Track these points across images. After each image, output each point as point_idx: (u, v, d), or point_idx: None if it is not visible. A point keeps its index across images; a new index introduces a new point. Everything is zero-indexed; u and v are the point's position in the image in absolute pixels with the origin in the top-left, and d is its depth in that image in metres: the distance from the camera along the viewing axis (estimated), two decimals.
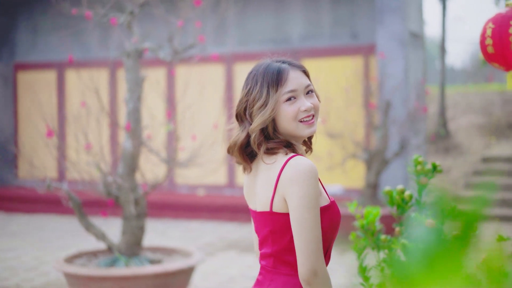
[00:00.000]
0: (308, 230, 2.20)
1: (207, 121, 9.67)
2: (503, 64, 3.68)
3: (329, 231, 2.31)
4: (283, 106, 2.32)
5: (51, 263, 8.17)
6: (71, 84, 13.73)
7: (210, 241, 9.84)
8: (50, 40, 13.86)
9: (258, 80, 2.35)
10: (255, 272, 7.76)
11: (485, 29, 3.69)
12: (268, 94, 2.32)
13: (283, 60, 2.41)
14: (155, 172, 6.20)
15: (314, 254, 2.20)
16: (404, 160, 10.70)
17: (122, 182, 5.66)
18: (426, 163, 3.59)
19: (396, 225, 3.62)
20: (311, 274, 2.20)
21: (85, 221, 5.62)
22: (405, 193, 3.55)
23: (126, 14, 5.62)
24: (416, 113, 10.28)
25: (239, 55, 12.19)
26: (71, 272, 5.41)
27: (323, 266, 2.22)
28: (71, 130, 6.30)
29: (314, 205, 2.21)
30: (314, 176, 2.23)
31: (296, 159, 2.27)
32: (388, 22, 10.94)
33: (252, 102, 2.35)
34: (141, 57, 5.83)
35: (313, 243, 2.20)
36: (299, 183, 2.21)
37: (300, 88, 2.35)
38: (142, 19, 6.59)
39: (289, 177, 2.24)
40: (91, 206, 9.37)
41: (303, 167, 2.23)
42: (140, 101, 5.78)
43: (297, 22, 12.18)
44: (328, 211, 2.31)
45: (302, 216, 2.20)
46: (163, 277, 5.45)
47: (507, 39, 3.58)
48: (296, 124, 2.33)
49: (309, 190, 2.21)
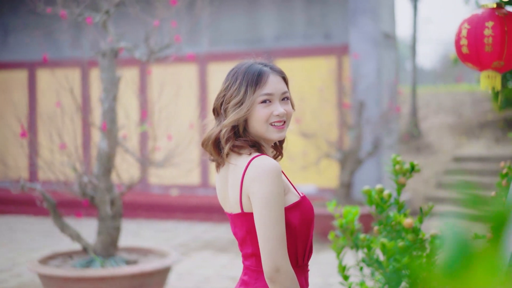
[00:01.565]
0: (270, 228, 2.24)
1: (182, 121, 9.65)
2: (477, 64, 3.73)
3: (303, 227, 2.35)
4: (257, 107, 2.37)
5: (24, 265, 8.09)
6: (43, 83, 13.60)
7: (184, 241, 9.82)
8: (21, 39, 13.71)
9: (238, 78, 2.40)
10: (230, 272, 7.76)
11: (461, 29, 3.74)
12: (246, 93, 2.36)
13: (265, 64, 2.45)
14: (131, 172, 6.18)
15: (275, 252, 2.23)
16: (377, 160, 10.79)
17: (97, 182, 5.62)
18: (404, 163, 3.63)
19: (375, 224, 3.66)
20: (274, 271, 2.23)
21: (60, 221, 5.58)
22: (384, 192, 3.58)
23: (102, 14, 5.58)
24: (389, 113, 10.37)
25: (212, 55, 12.18)
26: (46, 273, 5.36)
27: (286, 263, 2.24)
28: (44, 130, 6.24)
29: (276, 204, 2.24)
30: (276, 175, 2.26)
31: (258, 159, 2.31)
32: (361, 23, 11.02)
33: (228, 98, 2.39)
34: (117, 56, 5.80)
35: (275, 240, 2.23)
36: (260, 182, 2.25)
37: (277, 93, 2.40)
38: (117, 18, 6.55)
39: (251, 176, 2.28)
40: (64, 207, 9.29)
41: (264, 166, 2.27)
42: (116, 101, 5.75)
43: (271, 23, 12.20)
44: (298, 207, 2.34)
45: (263, 214, 2.24)
46: (140, 278, 5.43)
47: (481, 40, 3.63)
48: (267, 127, 2.38)
49: (271, 189, 2.24)
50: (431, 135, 15.37)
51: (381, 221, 3.60)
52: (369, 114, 10.44)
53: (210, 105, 12.14)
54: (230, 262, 8.34)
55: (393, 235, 3.55)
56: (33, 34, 11.97)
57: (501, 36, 3.56)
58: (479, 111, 16.34)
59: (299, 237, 2.35)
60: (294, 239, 2.34)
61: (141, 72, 12.75)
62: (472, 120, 15.84)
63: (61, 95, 6.51)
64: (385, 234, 3.58)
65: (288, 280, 2.24)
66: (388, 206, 3.56)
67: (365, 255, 3.59)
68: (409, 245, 3.44)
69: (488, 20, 3.62)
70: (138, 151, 6.82)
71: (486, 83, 3.63)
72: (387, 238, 3.50)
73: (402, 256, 3.40)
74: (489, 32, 3.60)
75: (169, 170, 6.91)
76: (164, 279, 5.73)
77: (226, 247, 9.30)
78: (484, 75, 3.66)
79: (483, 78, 3.68)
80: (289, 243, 2.33)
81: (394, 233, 3.55)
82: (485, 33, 3.62)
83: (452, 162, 13.44)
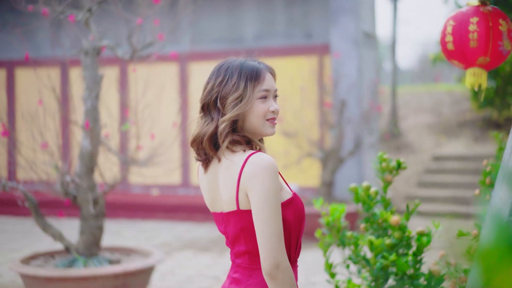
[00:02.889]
0: (269, 225, 2.24)
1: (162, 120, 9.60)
2: (462, 61, 3.74)
3: (296, 223, 2.36)
4: (256, 103, 2.38)
5: (5, 265, 8.01)
6: (22, 82, 13.47)
7: (166, 241, 9.77)
8: (0, 38, 13.56)
9: (234, 73, 2.39)
10: (213, 272, 7.74)
11: (446, 26, 3.75)
12: (246, 88, 2.37)
13: (257, 61, 2.46)
14: (114, 171, 6.13)
15: (275, 248, 2.24)
16: (358, 159, 10.82)
17: (80, 181, 5.57)
18: (390, 160, 3.64)
19: (361, 222, 3.66)
20: (274, 267, 2.23)
21: (42, 221, 5.52)
22: (370, 189, 3.58)
23: (84, 11, 5.53)
24: (370, 112, 10.40)
25: (194, 54, 12.13)
26: (28, 273, 5.30)
27: (285, 259, 2.25)
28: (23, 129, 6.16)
29: (274, 201, 2.25)
30: (274, 171, 2.27)
31: (256, 155, 2.31)
32: (341, 22, 11.04)
33: (226, 93, 2.38)
34: (99, 54, 5.75)
35: (275, 237, 2.24)
36: (259, 179, 2.26)
37: (272, 90, 2.43)
38: (99, 17, 6.50)
39: (250, 173, 2.28)
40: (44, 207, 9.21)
41: (263, 163, 2.27)
42: (98, 99, 5.71)
43: (251, 22, 12.19)
44: (291, 204, 2.35)
45: (262, 211, 2.25)
46: (123, 277, 5.39)
47: (466, 35, 3.64)
48: (264, 122, 2.40)
49: (270, 186, 2.25)
50: (411, 135, 15.46)
51: (368, 219, 3.61)
52: (351, 113, 10.47)
53: (192, 104, 12.13)
54: (213, 262, 8.31)
55: (380, 232, 3.56)
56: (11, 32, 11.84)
57: (486, 31, 3.58)
58: (458, 111, 16.46)
59: (293, 234, 2.36)
60: (289, 235, 2.35)
61: (121, 71, 12.68)
62: (451, 119, 15.94)
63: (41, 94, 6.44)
64: (371, 231, 3.58)
65: (287, 276, 2.25)
66: (375, 204, 3.57)
67: (352, 253, 3.60)
68: (396, 242, 3.45)
69: (473, 16, 3.64)
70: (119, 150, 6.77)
71: (471, 81, 3.64)
72: (373, 236, 3.51)
73: (389, 253, 3.41)
74: (474, 27, 3.62)
75: (150, 169, 6.87)
76: (148, 278, 5.70)
77: (208, 247, 9.27)
78: (469, 73, 3.67)
79: (468, 76, 3.69)
80: (285, 239, 2.34)
81: (380, 231, 3.55)
82: (470, 28, 3.64)
83: (432, 161, 13.52)
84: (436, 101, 17.50)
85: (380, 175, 3.63)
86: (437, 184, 12.48)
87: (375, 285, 3.46)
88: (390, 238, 3.45)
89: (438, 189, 12.27)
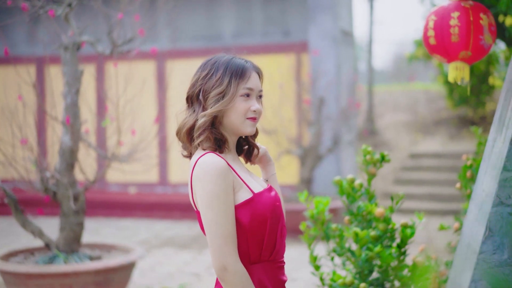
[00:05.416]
0: (212, 227, 2.24)
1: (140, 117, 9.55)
2: (445, 55, 3.78)
3: (254, 224, 2.32)
4: (238, 100, 2.38)
5: None
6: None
7: (145, 238, 9.74)
8: None
9: (220, 68, 2.39)
10: (193, 268, 7.74)
11: (428, 21, 3.79)
12: (230, 84, 2.36)
13: (245, 60, 2.46)
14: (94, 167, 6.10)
15: (220, 250, 2.23)
16: (337, 156, 10.88)
17: (60, 178, 5.53)
18: (374, 153, 3.67)
19: (345, 214, 3.68)
20: (221, 269, 2.23)
21: (22, 217, 5.46)
22: (355, 182, 3.61)
23: (64, 6, 5.49)
24: (348, 109, 10.46)
25: (171, 52, 12.10)
26: (8, 270, 5.25)
27: (233, 261, 2.24)
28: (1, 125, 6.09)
29: (219, 203, 2.24)
30: (217, 173, 2.25)
31: (203, 157, 2.30)
32: (319, 20, 11.09)
33: (209, 88, 2.38)
34: (79, 50, 5.71)
35: (220, 239, 2.23)
36: (202, 181, 2.26)
37: (256, 89, 2.42)
38: (78, 12, 6.45)
39: (195, 175, 2.29)
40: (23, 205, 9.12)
41: (205, 166, 2.27)
42: (78, 95, 5.67)
43: (229, 20, 12.19)
44: (249, 205, 2.32)
45: (206, 214, 2.25)
46: (104, 273, 5.36)
47: (448, 30, 3.68)
48: (243, 120, 2.39)
49: (212, 188, 2.24)
50: (388, 132, 15.57)
51: (352, 211, 3.63)
52: (329, 111, 10.52)
53: (170, 101, 12.09)
54: (192, 259, 8.31)
55: (364, 225, 3.58)
56: None
57: (467, 25, 3.62)
58: (433, 109, 16.61)
59: (251, 235, 2.31)
60: (245, 237, 2.31)
61: (98, 68, 12.61)
62: (427, 117, 16.09)
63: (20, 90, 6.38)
64: (356, 224, 3.61)
65: (237, 279, 2.23)
66: (359, 196, 3.59)
67: (337, 245, 3.61)
68: (381, 234, 3.48)
69: (454, 11, 3.68)
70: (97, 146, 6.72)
71: (454, 75, 3.68)
72: (358, 228, 3.53)
73: (374, 245, 3.43)
74: (455, 22, 3.66)
75: (131, 166, 6.83)
76: (129, 274, 5.68)
77: (188, 244, 9.26)
78: (452, 66, 3.71)
79: (451, 70, 3.73)
80: (240, 241, 2.31)
81: (365, 223, 3.58)
82: (451, 23, 3.68)
83: (408, 159, 13.63)
84: (412, 99, 17.65)
85: (364, 167, 3.65)
86: (413, 181, 12.59)
87: (359, 277, 3.48)
88: (374, 230, 3.47)
89: (415, 186, 12.37)
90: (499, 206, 3.00)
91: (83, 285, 5.26)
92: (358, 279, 3.47)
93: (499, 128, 3.30)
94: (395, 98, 18.10)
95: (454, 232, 4.17)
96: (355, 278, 3.46)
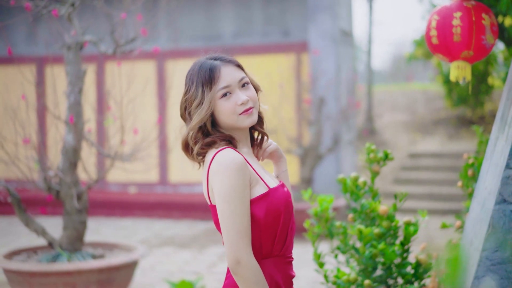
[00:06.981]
0: (230, 221, 2.27)
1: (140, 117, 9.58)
2: (446, 55, 3.82)
3: (269, 219, 2.36)
4: (220, 102, 2.39)
5: None
6: None
7: (145, 238, 9.77)
8: None
9: (193, 80, 2.43)
10: (193, 268, 7.77)
11: (430, 20, 3.82)
12: (203, 92, 2.39)
13: (215, 57, 2.46)
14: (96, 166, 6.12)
15: (235, 244, 2.26)
16: (337, 155, 10.91)
17: (63, 176, 5.55)
18: (378, 151, 3.70)
19: (349, 212, 3.72)
20: (234, 263, 2.26)
21: (25, 216, 5.49)
22: (358, 180, 3.64)
23: (67, 6, 5.52)
24: (348, 109, 10.49)
25: (171, 52, 12.13)
26: (12, 269, 5.28)
27: (247, 255, 2.27)
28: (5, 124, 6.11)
29: (235, 197, 2.27)
30: (235, 168, 2.29)
31: (220, 153, 2.34)
32: (319, 20, 11.12)
33: (190, 102, 2.42)
34: (82, 49, 5.74)
35: (234, 233, 2.26)
36: (219, 175, 2.29)
37: (234, 82, 2.41)
38: (81, 12, 6.48)
39: (213, 170, 2.32)
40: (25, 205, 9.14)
41: (224, 160, 2.30)
42: (81, 94, 5.69)
43: (229, 20, 12.22)
44: (264, 199, 2.36)
45: (223, 207, 2.28)
46: (107, 272, 5.39)
47: (450, 30, 3.72)
48: (236, 118, 2.40)
49: (229, 183, 2.27)
50: (387, 132, 15.61)
51: (356, 209, 3.67)
52: (329, 110, 10.56)
53: (170, 101, 12.11)
54: (193, 258, 8.34)
55: (367, 222, 3.62)
56: None
57: (469, 25, 3.65)
58: (432, 109, 16.66)
59: (265, 229, 2.35)
60: (259, 231, 2.35)
61: (99, 68, 12.63)
62: (426, 117, 16.13)
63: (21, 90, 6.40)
64: (359, 221, 3.64)
65: (250, 272, 2.26)
66: (363, 194, 3.63)
67: (341, 242, 3.65)
68: (384, 231, 3.51)
69: (456, 11, 3.72)
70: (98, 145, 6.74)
71: (456, 74, 3.72)
72: (362, 225, 3.56)
73: (378, 242, 3.47)
74: (457, 22, 3.69)
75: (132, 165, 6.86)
76: (131, 273, 5.70)
77: (187, 243, 9.29)
78: (454, 66, 3.75)
79: (453, 69, 3.77)
80: (254, 235, 2.34)
81: (368, 221, 3.61)
82: (453, 23, 3.71)
83: (407, 159, 13.67)
84: (410, 99, 17.69)
85: (368, 166, 3.69)
86: (412, 181, 12.63)
87: (363, 274, 3.52)
88: (378, 228, 3.51)
89: (414, 186, 12.41)
90: (501, 203, 3.03)
91: (86, 284, 5.29)
92: (362, 276, 3.51)
93: (501, 126, 3.34)
94: (394, 98, 18.15)
95: (455, 230, 4.21)
96: (358, 275, 3.50)
